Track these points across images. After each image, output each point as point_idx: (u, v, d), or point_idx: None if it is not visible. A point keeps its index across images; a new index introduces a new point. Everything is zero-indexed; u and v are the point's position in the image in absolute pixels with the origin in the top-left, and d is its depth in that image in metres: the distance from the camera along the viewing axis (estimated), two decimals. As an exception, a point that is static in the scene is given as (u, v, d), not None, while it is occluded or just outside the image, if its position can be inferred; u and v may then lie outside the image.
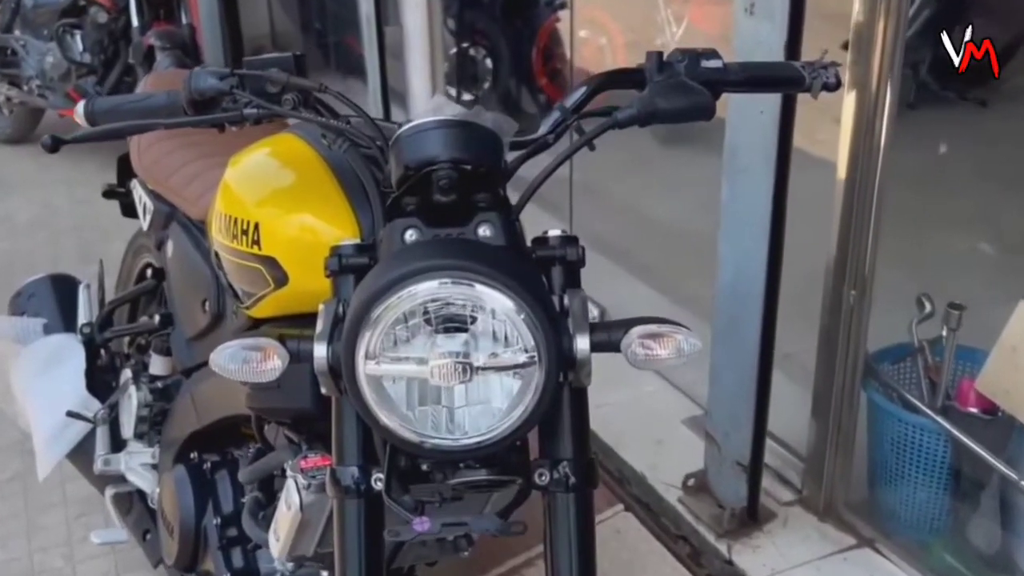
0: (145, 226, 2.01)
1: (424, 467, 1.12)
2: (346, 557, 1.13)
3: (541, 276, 1.11)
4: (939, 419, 2.05)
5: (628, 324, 1.08)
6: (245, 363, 1.07)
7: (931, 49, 4.60)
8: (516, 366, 1.02)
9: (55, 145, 1.26)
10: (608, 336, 1.07)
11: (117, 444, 1.98)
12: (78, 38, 4.70)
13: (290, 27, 6.96)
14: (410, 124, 1.09)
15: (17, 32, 5.11)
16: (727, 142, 2.05)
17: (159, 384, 1.93)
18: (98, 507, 2.38)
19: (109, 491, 2.01)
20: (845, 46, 3.15)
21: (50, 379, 2.03)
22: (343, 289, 1.12)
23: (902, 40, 1.90)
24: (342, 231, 1.28)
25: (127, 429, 1.94)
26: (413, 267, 1.01)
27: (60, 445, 1.99)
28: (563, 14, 4.94)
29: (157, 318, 1.90)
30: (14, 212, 4.68)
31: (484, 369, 1.02)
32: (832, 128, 2.06)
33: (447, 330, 1.03)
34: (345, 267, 1.13)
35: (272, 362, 1.07)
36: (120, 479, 1.98)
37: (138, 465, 1.93)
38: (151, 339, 2.00)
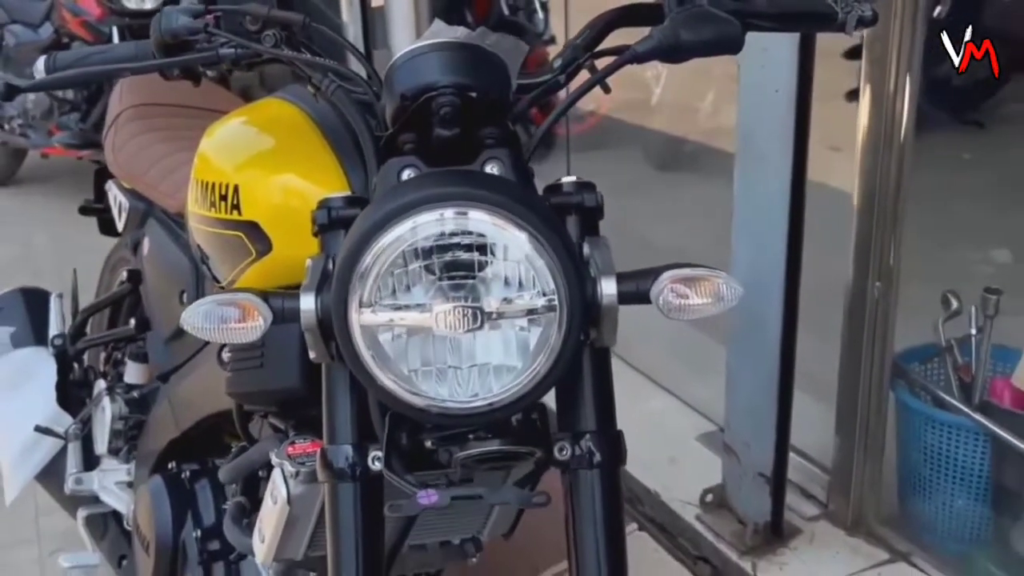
0: (120, 226, 1.88)
1: (428, 444, 0.98)
2: (340, 548, 0.97)
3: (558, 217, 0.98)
4: (977, 416, 1.91)
5: (658, 270, 0.94)
6: (222, 322, 0.92)
7: (926, 72, 4.56)
8: (533, 311, 0.88)
9: (9, 93, 1.14)
10: (636, 285, 0.93)
11: (90, 462, 1.82)
12: (20, 84, 4.60)
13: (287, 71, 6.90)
14: (405, 50, 0.97)
15: (-1, 72, 5.02)
16: (739, 127, 1.94)
17: (135, 394, 1.78)
18: (74, 542, 2.21)
19: (81, 513, 1.85)
20: None
21: (18, 394, 1.88)
22: (332, 245, 0.98)
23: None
24: (330, 192, 1.15)
25: (100, 444, 1.78)
26: (412, 197, 0.88)
27: (29, 464, 1.84)
28: (552, 48, 4.91)
29: (133, 322, 1.76)
30: (-7, 252, 4.56)
31: (496, 316, 0.88)
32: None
33: (452, 279, 0.90)
34: (335, 220, 0.99)
35: (253, 320, 0.92)
36: (93, 500, 1.82)
37: (112, 484, 1.77)
38: (127, 351, 1.86)
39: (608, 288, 0.90)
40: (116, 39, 4.39)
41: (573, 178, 1.02)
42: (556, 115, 1.06)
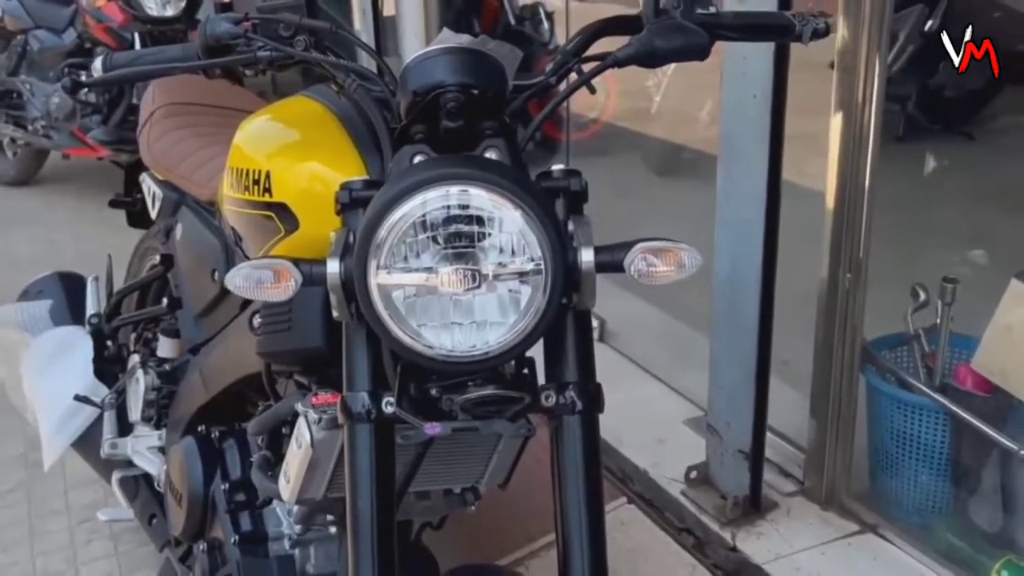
0: (154, 215, 2.05)
1: (433, 392, 1.14)
2: (357, 482, 1.13)
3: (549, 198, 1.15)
4: (938, 396, 2.07)
5: (630, 243, 1.11)
6: (259, 283, 1.09)
7: (917, 84, 4.73)
8: (522, 273, 1.05)
9: (74, 87, 1.31)
10: (612, 256, 1.10)
11: (124, 429, 1.99)
12: (83, 79, 4.78)
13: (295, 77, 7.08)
14: (418, 53, 1.14)
15: (23, 75, 5.21)
16: (722, 130, 2.11)
17: (167, 367, 1.94)
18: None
19: (116, 476, 2.02)
20: None
21: (58, 368, 2.05)
22: (353, 221, 1.14)
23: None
24: (351, 176, 1.31)
25: (134, 413, 1.95)
26: (422, 177, 1.05)
27: (67, 431, 2.01)
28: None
29: (165, 301, 1.93)
30: (16, 249, 4.72)
31: (492, 278, 1.05)
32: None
33: (455, 248, 1.06)
34: (355, 200, 1.15)
35: (286, 282, 1.09)
36: (126, 464, 1.99)
37: (145, 448, 1.94)
38: (159, 328, 2.03)
39: (587, 257, 1.07)
40: (138, 45, 4.58)
41: (562, 166, 1.20)
42: (548, 109, 1.23)
